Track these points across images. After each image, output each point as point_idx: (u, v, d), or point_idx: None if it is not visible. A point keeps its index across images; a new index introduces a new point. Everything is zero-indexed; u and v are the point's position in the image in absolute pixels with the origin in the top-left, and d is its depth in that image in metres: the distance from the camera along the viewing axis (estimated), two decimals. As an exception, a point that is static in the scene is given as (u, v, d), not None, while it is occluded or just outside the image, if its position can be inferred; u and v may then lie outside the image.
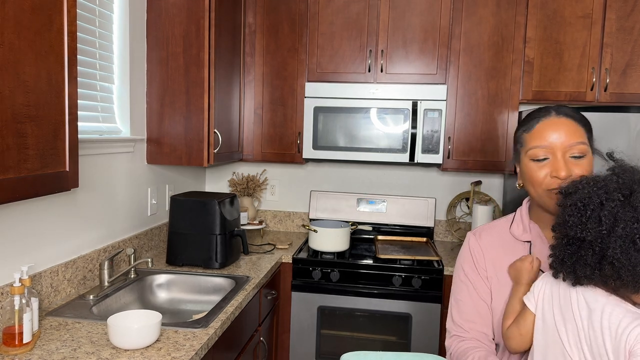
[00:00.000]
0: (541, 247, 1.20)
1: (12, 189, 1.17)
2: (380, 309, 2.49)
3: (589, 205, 0.96)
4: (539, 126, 1.14)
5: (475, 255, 1.28)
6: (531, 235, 1.22)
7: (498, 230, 1.29)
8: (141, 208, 2.39)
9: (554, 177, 1.10)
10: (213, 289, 2.15)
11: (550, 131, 1.12)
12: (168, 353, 1.40)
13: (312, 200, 3.09)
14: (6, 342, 1.37)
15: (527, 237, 1.22)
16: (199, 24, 2.26)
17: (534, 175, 1.14)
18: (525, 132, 1.17)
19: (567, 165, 1.10)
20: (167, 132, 2.35)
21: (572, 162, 1.11)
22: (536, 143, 1.13)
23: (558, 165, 1.10)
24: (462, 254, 1.32)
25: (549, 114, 1.15)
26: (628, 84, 2.53)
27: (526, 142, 1.16)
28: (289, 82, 2.81)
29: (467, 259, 1.30)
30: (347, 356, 1.51)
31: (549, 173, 1.11)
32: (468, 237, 1.32)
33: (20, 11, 1.19)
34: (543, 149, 1.12)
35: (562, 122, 1.13)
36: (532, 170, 1.14)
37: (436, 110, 2.62)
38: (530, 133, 1.15)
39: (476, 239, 1.29)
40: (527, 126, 1.17)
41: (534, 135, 1.14)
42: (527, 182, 1.17)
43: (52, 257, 1.76)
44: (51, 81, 1.30)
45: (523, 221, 1.25)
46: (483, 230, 1.31)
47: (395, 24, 2.69)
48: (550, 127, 1.13)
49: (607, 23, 2.52)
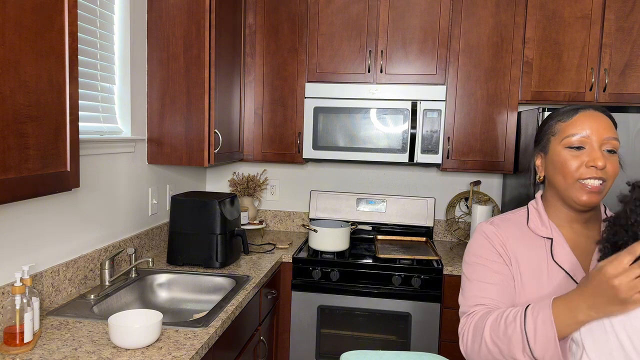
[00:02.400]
0: (562, 245, 1.16)
1: (13, 189, 1.18)
2: (380, 309, 2.50)
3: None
4: (579, 117, 1.14)
5: (493, 240, 1.21)
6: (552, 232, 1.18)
7: (515, 222, 1.23)
8: (142, 208, 2.40)
9: (591, 166, 1.09)
10: (213, 289, 2.16)
11: (589, 121, 1.12)
12: (169, 352, 1.41)
13: (312, 200, 3.10)
14: (7, 342, 1.38)
15: (547, 234, 1.18)
16: (200, 24, 2.27)
17: (568, 163, 1.12)
18: (562, 121, 1.16)
19: (602, 156, 1.09)
20: (168, 132, 2.36)
21: (606, 155, 1.11)
22: (574, 131, 1.12)
23: (596, 154, 1.09)
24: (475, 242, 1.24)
25: (587, 108, 1.16)
26: (627, 84, 2.54)
27: (562, 130, 1.15)
28: (289, 83, 2.81)
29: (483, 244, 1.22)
30: (347, 355, 1.52)
31: (585, 163, 1.10)
32: (481, 227, 1.25)
33: (21, 11, 1.19)
34: (581, 137, 1.11)
35: (600, 116, 1.14)
36: (566, 158, 1.12)
37: (435, 110, 2.63)
38: (568, 122, 1.14)
39: (493, 227, 1.23)
40: (564, 116, 1.16)
41: (573, 123, 1.13)
42: (557, 172, 1.14)
43: (53, 257, 1.77)
44: (52, 81, 1.31)
45: (541, 217, 1.21)
46: (498, 221, 1.24)
47: (394, 25, 2.70)
48: (589, 118, 1.13)
49: (606, 23, 2.53)
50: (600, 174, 1.09)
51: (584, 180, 1.10)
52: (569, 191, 1.13)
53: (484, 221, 1.28)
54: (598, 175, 1.09)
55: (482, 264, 1.20)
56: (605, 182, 1.10)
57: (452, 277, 2.47)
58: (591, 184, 1.09)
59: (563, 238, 1.17)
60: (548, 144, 1.18)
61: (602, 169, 1.08)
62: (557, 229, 1.18)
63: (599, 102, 2.56)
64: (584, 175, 1.10)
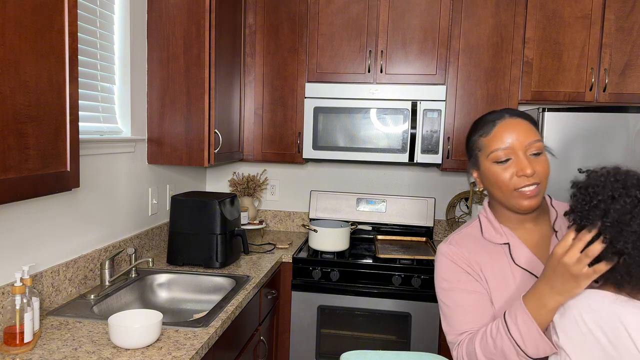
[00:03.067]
0: (520, 247, 1.20)
1: (13, 188, 1.18)
2: (380, 309, 2.50)
3: (596, 195, 0.95)
4: (497, 129, 1.16)
5: (457, 261, 1.22)
6: (507, 237, 1.21)
7: (471, 236, 1.25)
8: (142, 208, 2.40)
9: (521, 175, 1.12)
10: (213, 289, 2.16)
11: (509, 132, 1.14)
12: (169, 352, 1.40)
13: (312, 200, 3.10)
14: (7, 342, 1.38)
15: (503, 240, 1.21)
16: (200, 24, 2.27)
17: (500, 177, 1.14)
18: (483, 136, 1.18)
19: (530, 162, 1.12)
20: (168, 132, 2.36)
21: (533, 159, 1.14)
22: (497, 145, 1.14)
23: (522, 163, 1.12)
24: (441, 266, 1.25)
25: (503, 117, 1.17)
26: (627, 84, 2.54)
27: (486, 145, 1.17)
28: (289, 83, 2.81)
29: (449, 268, 1.23)
30: (347, 355, 1.52)
31: (515, 173, 1.13)
32: (442, 250, 1.26)
33: (21, 12, 1.19)
34: (505, 150, 1.14)
35: (518, 122, 1.16)
36: (496, 173, 1.15)
37: (435, 110, 2.63)
38: (489, 137, 1.16)
39: (454, 247, 1.24)
40: (484, 130, 1.18)
41: (494, 138, 1.15)
42: (493, 186, 1.17)
43: (53, 257, 1.77)
44: (52, 81, 1.31)
45: (493, 225, 1.23)
46: (456, 238, 1.26)
47: (394, 25, 2.70)
48: (508, 129, 1.15)
49: (606, 23, 2.53)
50: (532, 180, 1.12)
51: (520, 189, 1.13)
52: (509, 201, 1.16)
53: (443, 242, 1.29)
54: (531, 181, 1.12)
55: (455, 288, 1.21)
56: (540, 184, 1.14)
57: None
58: (527, 190, 1.13)
59: (519, 240, 1.21)
60: (477, 159, 1.21)
61: (532, 175, 1.11)
62: (511, 232, 1.22)
63: (599, 102, 2.56)
64: (518, 184, 1.13)
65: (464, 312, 1.18)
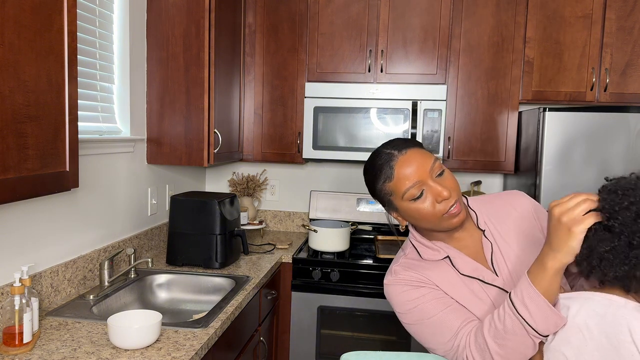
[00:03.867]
0: (459, 257, 1.21)
1: (12, 188, 1.17)
2: (380, 309, 2.49)
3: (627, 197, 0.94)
4: (397, 171, 1.16)
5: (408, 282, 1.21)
6: (445, 251, 1.22)
7: (411, 262, 1.25)
8: (141, 208, 2.39)
9: (441, 200, 1.13)
10: (213, 289, 2.15)
11: (408, 168, 1.15)
12: (168, 353, 1.40)
13: (312, 200, 3.09)
14: (6, 342, 1.37)
15: (442, 255, 1.22)
16: (199, 24, 2.26)
17: (423, 211, 1.15)
18: (387, 182, 1.18)
19: (441, 185, 1.14)
20: (167, 132, 2.35)
21: (440, 180, 1.15)
22: (405, 185, 1.15)
23: (436, 190, 1.13)
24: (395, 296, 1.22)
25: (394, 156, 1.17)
26: (628, 84, 2.53)
27: (394, 190, 1.17)
28: (289, 82, 2.81)
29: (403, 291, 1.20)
30: (347, 356, 1.51)
31: (433, 201, 1.14)
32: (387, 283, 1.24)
33: (21, 11, 1.19)
34: (415, 186, 1.14)
35: (410, 154, 1.16)
36: (418, 209, 1.15)
37: (436, 110, 2.62)
38: (394, 181, 1.16)
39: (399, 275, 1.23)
40: (385, 176, 1.18)
41: (398, 180, 1.16)
42: (419, 220, 1.18)
43: (52, 257, 1.76)
44: (51, 81, 1.30)
45: (427, 245, 1.24)
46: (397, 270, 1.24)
47: (395, 24, 2.69)
48: (406, 165, 1.15)
49: (607, 23, 2.52)
50: (451, 200, 1.13)
51: (447, 212, 1.14)
52: (440, 225, 1.17)
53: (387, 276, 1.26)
54: (451, 202, 1.13)
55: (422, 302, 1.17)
56: (459, 198, 1.16)
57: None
58: (453, 210, 1.14)
59: (456, 250, 1.22)
60: (392, 203, 1.20)
61: (450, 196, 1.13)
62: (447, 245, 1.23)
63: (600, 101, 2.56)
64: (442, 210, 1.14)
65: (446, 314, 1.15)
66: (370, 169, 1.23)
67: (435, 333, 1.15)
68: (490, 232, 1.22)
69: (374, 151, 1.24)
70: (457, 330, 1.13)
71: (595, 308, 0.95)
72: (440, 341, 1.15)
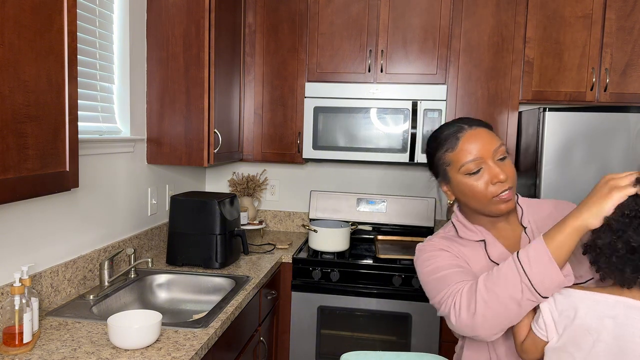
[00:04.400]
0: (495, 244, 1.23)
1: (12, 189, 1.17)
2: (380, 309, 2.49)
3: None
4: (462, 142, 1.18)
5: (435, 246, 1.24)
6: (483, 234, 1.24)
7: (447, 238, 1.27)
8: (141, 208, 2.39)
9: (496, 182, 1.14)
10: (213, 289, 2.15)
11: (474, 143, 1.17)
12: (168, 353, 1.40)
13: (312, 200, 3.09)
14: (6, 342, 1.37)
15: (479, 237, 1.24)
16: (199, 24, 2.26)
17: (476, 188, 1.17)
18: (449, 151, 1.20)
19: (500, 168, 1.15)
20: (167, 132, 2.35)
21: (501, 164, 1.17)
22: (466, 158, 1.17)
23: (495, 171, 1.15)
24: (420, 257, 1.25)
25: (464, 129, 1.20)
26: (628, 84, 2.53)
27: (454, 160, 1.19)
28: (289, 82, 2.81)
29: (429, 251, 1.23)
30: (347, 356, 1.51)
31: (488, 181, 1.15)
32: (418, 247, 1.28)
33: (21, 11, 1.19)
34: (475, 161, 1.16)
35: (479, 132, 1.19)
36: (471, 185, 1.17)
37: (436, 110, 2.62)
38: (456, 151, 1.18)
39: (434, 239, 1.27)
40: (449, 145, 1.20)
41: (461, 151, 1.18)
42: (468, 197, 1.19)
43: (52, 257, 1.76)
44: (51, 81, 1.30)
45: (467, 226, 1.26)
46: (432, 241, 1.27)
47: (395, 24, 2.69)
48: (472, 140, 1.17)
49: (607, 23, 2.52)
50: (506, 184, 1.15)
51: (497, 195, 1.15)
52: (487, 208, 1.18)
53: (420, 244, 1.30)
54: (505, 186, 1.15)
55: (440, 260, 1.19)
56: (512, 187, 1.17)
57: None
58: (504, 195, 1.15)
59: (493, 237, 1.24)
60: (447, 174, 1.23)
61: (506, 180, 1.14)
62: (486, 231, 1.25)
63: (600, 101, 2.56)
64: (495, 192, 1.15)
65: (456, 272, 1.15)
66: (436, 137, 1.24)
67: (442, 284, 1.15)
68: (531, 230, 1.24)
69: (444, 123, 1.26)
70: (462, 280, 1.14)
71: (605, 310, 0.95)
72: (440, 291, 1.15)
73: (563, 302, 1.00)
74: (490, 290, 1.03)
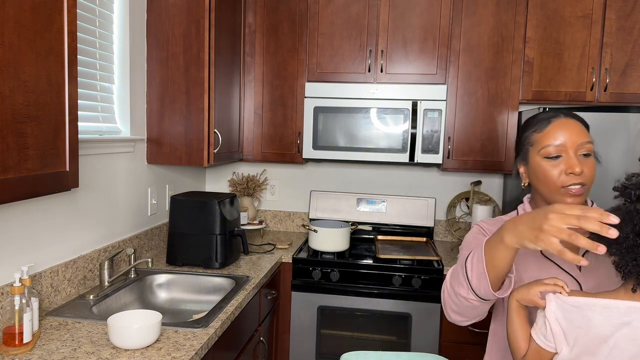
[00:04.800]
0: None
1: (12, 189, 1.17)
2: (380, 309, 2.49)
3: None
4: (552, 126, 1.19)
5: (484, 230, 1.30)
6: None
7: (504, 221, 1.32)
8: (141, 208, 2.39)
9: (570, 173, 1.14)
10: (213, 289, 2.15)
11: (562, 130, 1.17)
12: (168, 353, 1.40)
13: (312, 200, 3.09)
14: (6, 342, 1.37)
15: None
16: (199, 24, 2.26)
17: (548, 173, 1.17)
18: (537, 132, 1.21)
19: (579, 162, 1.14)
20: (167, 132, 2.35)
21: (582, 159, 1.16)
22: (549, 141, 1.17)
23: (572, 162, 1.14)
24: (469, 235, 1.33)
25: (558, 116, 1.21)
26: (628, 84, 2.53)
27: (538, 141, 1.20)
28: (289, 82, 2.81)
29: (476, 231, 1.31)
30: (347, 356, 1.51)
31: (563, 170, 1.15)
32: (474, 226, 1.35)
33: (21, 11, 1.19)
34: (556, 147, 1.16)
35: (572, 122, 1.19)
36: (545, 168, 1.17)
37: (436, 110, 2.62)
38: (543, 133, 1.19)
39: (485, 223, 1.33)
40: (538, 127, 1.21)
41: (547, 134, 1.18)
42: (539, 181, 1.20)
43: (52, 257, 1.76)
44: (51, 81, 1.30)
45: None
46: (489, 219, 1.34)
47: (395, 24, 2.69)
48: (562, 127, 1.18)
49: (607, 23, 2.52)
50: (579, 179, 1.14)
51: (567, 187, 1.15)
52: (553, 197, 1.18)
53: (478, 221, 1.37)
54: (578, 180, 1.14)
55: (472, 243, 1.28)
56: (585, 185, 1.16)
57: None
58: (573, 188, 1.15)
59: None
60: (527, 154, 1.24)
61: (580, 174, 1.14)
62: None
63: (600, 101, 2.56)
64: (566, 182, 1.15)
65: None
66: (531, 118, 1.26)
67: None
68: None
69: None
70: None
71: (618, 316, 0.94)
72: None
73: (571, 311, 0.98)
74: (452, 286, 1.15)
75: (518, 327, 1.08)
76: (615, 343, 0.93)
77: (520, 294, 1.07)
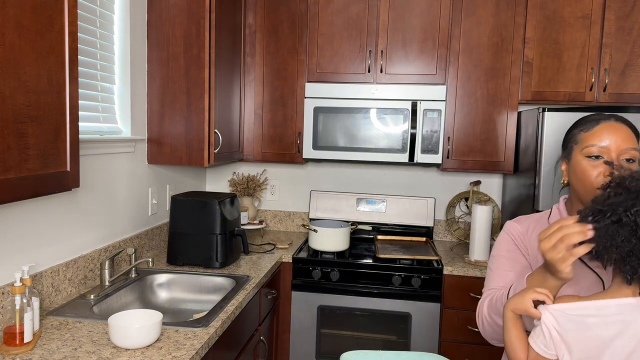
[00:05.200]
0: None
1: (13, 189, 1.18)
2: (380, 309, 2.49)
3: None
4: (599, 127, 1.20)
5: (512, 234, 1.34)
6: None
7: (536, 219, 1.35)
8: (142, 208, 2.39)
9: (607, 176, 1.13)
10: (213, 289, 2.16)
11: (608, 133, 1.18)
12: (169, 352, 1.40)
13: (312, 200, 3.10)
14: (7, 342, 1.37)
15: None
16: (200, 24, 2.27)
17: (588, 172, 1.18)
18: (584, 131, 1.22)
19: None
20: (168, 132, 2.36)
21: (624, 162, 1.16)
22: (594, 142, 1.18)
23: None
24: (499, 237, 1.38)
25: (609, 119, 1.22)
26: (627, 84, 2.54)
27: (583, 140, 1.21)
28: (289, 83, 2.81)
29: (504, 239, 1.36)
30: (347, 355, 1.52)
31: (602, 172, 1.16)
32: (506, 225, 1.38)
33: (21, 11, 1.19)
34: (600, 148, 1.17)
35: (620, 127, 1.19)
36: (585, 168, 1.19)
37: (436, 110, 2.63)
38: (589, 132, 1.20)
39: (515, 222, 1.36)
40: (586, 126, 1.22)
41: (593, 134, 1.19)
42: (578, 180, 1.21)
43: (53, 257, 1.77)
44: (52, 81, 1.31)
45: (561, 214, 1.29)
46: (521, 217, 1.38)
47: (395, 25, 2.70)
48: (609, 129, 1.18)
49: (606, 23, 2.53)
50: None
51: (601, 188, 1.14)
52: (588, 197, 1.18)
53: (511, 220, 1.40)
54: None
55: (502, 256, 1.34)
56: None
57: (452, 277, 2.47)
58: None
59: None
60: (571, 151, 1.25)
61: None
62: None
63: (599, 102, 2.56)
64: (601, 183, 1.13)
65: (503, 275, 1.30)
66: (583, 118, 1.27)
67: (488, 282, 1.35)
68: None
69: None
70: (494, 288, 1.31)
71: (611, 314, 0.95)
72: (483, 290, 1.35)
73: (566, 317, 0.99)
74: (491, 317, 1.23)
75: (515, 338, 1.07)
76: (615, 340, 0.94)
77: (514, 304, 1.06)
